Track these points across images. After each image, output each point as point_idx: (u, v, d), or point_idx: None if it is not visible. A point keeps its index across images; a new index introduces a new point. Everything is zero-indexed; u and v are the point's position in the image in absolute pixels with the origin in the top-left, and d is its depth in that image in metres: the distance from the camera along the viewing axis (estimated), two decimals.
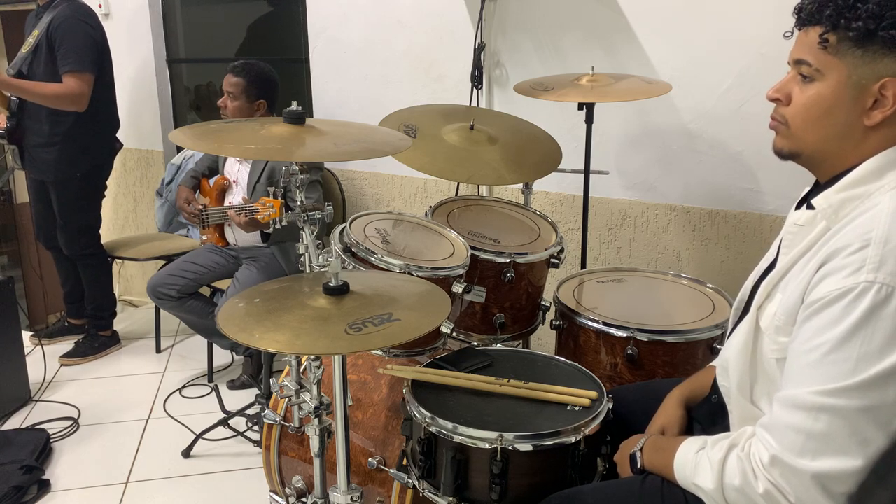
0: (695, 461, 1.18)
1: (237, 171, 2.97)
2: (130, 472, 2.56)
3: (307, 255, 1.72)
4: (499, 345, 1.93)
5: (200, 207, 2.91)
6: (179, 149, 3.79)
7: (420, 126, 2.22)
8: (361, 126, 1.82)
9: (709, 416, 1.38)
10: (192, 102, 4.05)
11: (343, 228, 1.86)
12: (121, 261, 3.68)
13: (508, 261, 1.98)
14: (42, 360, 3.21)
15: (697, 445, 1.20)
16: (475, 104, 2.87)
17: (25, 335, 3.08)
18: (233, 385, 3.12)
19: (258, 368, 3.09)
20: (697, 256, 2.62)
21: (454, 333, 1.93)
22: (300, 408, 1.63)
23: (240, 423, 2.75)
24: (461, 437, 1.42)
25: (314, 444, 1.59)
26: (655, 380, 1.79)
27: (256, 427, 2.71)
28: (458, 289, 1.82)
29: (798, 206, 1.23)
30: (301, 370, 1.68)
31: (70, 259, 3.38)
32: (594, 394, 1.53)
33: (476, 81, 2.85)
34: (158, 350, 3.53)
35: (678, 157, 2.59)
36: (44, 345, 3.33)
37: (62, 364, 3.36)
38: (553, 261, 2.10)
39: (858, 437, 1.00)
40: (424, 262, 1.82)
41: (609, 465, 1.48)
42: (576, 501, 1.32)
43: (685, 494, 1.20)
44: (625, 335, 1.82)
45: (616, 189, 2.72)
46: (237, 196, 2.96)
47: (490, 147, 2.23)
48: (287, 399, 1.67)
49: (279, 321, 1.31)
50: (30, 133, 3.18)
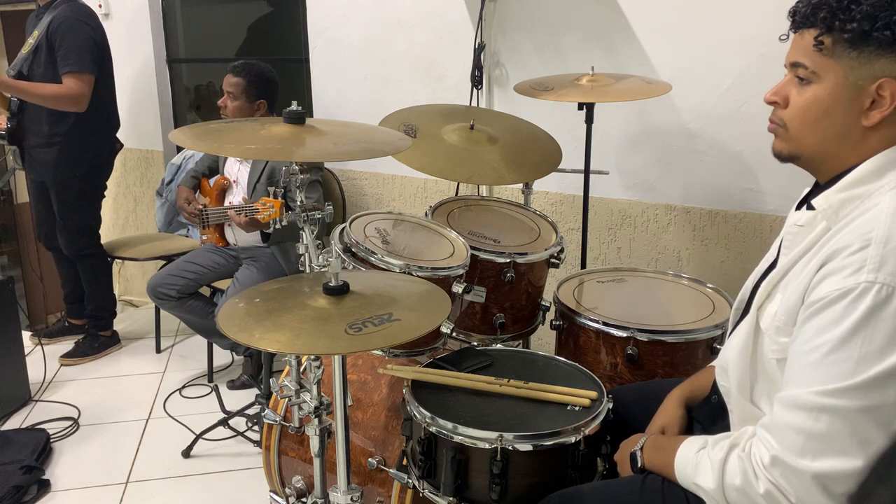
0: (695, 461, 1.18)
1: (237, 171, 2.97)
2: (130, 472, 2.56)
3: (307, 255, 1.72)
4: (499, 345, 1.93)
5: (200, 207, 2.91)
6: (179, 149, 3.79)
7: (420, 126, 2.22)
8: (361, 126, 1.82)
9: (709, 416, 1.38)
10: (192, 102, 4.04)
11: (343, 228, 1.86)
12: (121, 261, 3.68)
13: (508, 261, 1.98)
14: (42, 360, 3.20)
15: (698, 445, 1.20)
16: (475, 104, 2.87)
17: (25, 335, 3.08)
18: (233, 385, 3.12)
19: (258, 368, 3.09)
20: (697, 256, 2.62)
21: (454, 333, 1.93)
22: (300, 408, 1.63)
23: (240, 423, 2.75)
24: (461, 437, 1.42)
25: (314, 444, 1.59)
26: (655, 380, 1.79)
27: (256, 427, 2.71)
28: (458, 289, 1.82)
29: (798, 207, 1.23)
30: (301, 370, 1.68)
31: (70, 259, 3.38)
32: (594, 394, 1.54)
33: (476, 81, 2.84)
34: (158, 350, 3.53)
35: (678, 157, 2.59)
36: (44, 345, 3.33)
37: (62, 364, 3.36)
38: (553, 261, 2.10)
39: (859, 438, 1.00)
40: (424, 262, 1.82)
41: (609, 465, 1.48)
42: (576, 500, 1.32)
43: (686, 494, 1.20)
44: (625, 335, 1.82)
45: (616, 189, 2.72)
46: (237, 196, 2.95)
47: (490, 147, 2.23)
48: (287, 399, 1.67)
49: (279, 321, 1.31)
50: (30, 134, 3.18)
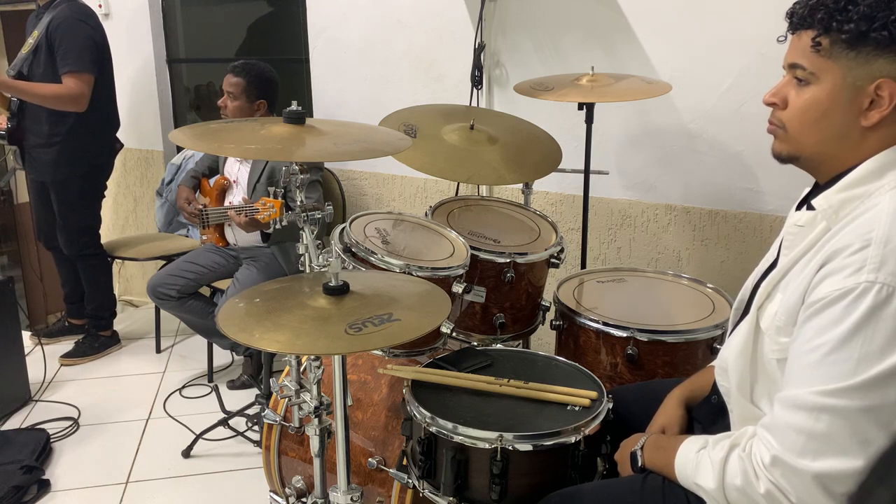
0: (696, 460, 1.18)
1: (237, 171, 2.97)
2: (130, 472, 2.56)
3: (307, 255, 1.72)
4: (499, 345, 1.93)
5: (200, 207, 2.91)
6: (179, 149, 3.78)
7: (420, 126, 2.22)
8: (361, 126, 1.82)
9: (709, 417, 1.38)
10: (192, 102, 4.04)
11: (343, 228, 1.86)
12: (121, 261, 3.68)
13: (508, 261, 1.98)
14: (42, 360, 3.20)
15: (699, 445, 1.20)
16: (475, 104, 2.87)
17: (25, 335, 3.08)
18: (233, 385, 3.12)
19: (258, 368, 3.09)
20: (697, 256, 2.62)
21: (454, 333, 1.93)
22: (300, 408, 1.63)
23: (240, 423, 2.75)
24: (461, 437, 1.42)
25: (314, 444, 1.59)
26: (655, 380, 1.79)
27: (256, 427, 2.71)
28: (458, 289, 1.82)
29: (798, 207, 1.23)
30: (301, 370, 1.68)
31: (70, 259, 3.38)
32: (594, 394, 1.53)
33: (476, 81, 2.84)
34: (158, 350, 3.53)
35: (678, 157, 2.58)
36: (44, 345, 3.33)
37: (62, 364, 3.36)
38: (553, 261, 2.10)
39: (859, 438, 1.00)
40: (424, 262, 1.82)
41: (609, 465, 1.48)
42: (576, 500, 1.32)
43: (686, 494, 1.20)
44: (625, 335, 1.82)
45: (616, 189, 2.72)
46: (237, 196, 2.95)
47: (490, 147, 2.23)
48: (287, 399, 1.67)
49: (279, 321, 1.31)
50: (30, 134, 3.18)
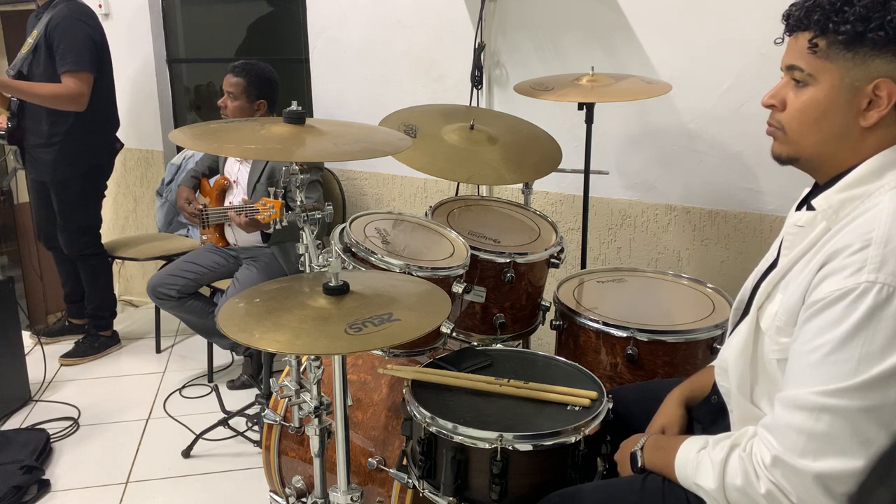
0: (696, 461, 1.18)
1: (237, 171, 2.97)
2: (130, 472, 2.56)
3: (307, 255, 1.72)
4: (499, 345, 1.93)
5: (200, 207, 2.91)
6: (179, 149, 3.78)
7: (420, 126, 2.22)
8: (361, 126, 1.82)
9: (709, 417, 1.38)
10: (192, 102, 4.04)
11: (343, 228, 1.86)
12: (121, 261, 3.68)
13: (508, 261, 1.98)
14: (42, 360, 3.20)
15: (699, 445, 1.20)
16: (475, 104, 2.87)
17: (25, 335, 3.08)
18: (233, 385, 3.12)
19: (258, 368, 3.09)
20: (697, 256, 2.62)
21: (454, 333, 1.93)
22: (300, 408, 1.63)
23: (240, 423, 2.75)
24: (461, 437, 1.42)
25: (314, 444, 1.59)
26: (655, 380, 1.79)
27: (256, 427, 2.71)
28: (458, 289, 1.82)
29: (798, 208, 1.23)
30: (301, 370, 1.68)
31: (70, 259, 3.38)
32: (594, 394, 1.53)
33: (476, 81, 2.84)
34: (158, 350, 3.53)
35: (678, 157, 2.58)
36: (44, 344, 3.32)
37: (62, 364, 3.36)
38: (553, 261, 2.10)
39: (860, 438, 1.00)
40: (424, 262, 1.82)
41: (609, 465, 1.48)
42: (576, 500, 1.32)
43: (686, 494, 1.20)
44: (625, 335, 1.82)
45: (616, 189, 2.72)
46: (237, 196, 2.95)
47: (490, 147, 2.23)
48: (287, 399, 1.67)
49: (279, 321, 1.31)
50: (30, 133, 3.18)
